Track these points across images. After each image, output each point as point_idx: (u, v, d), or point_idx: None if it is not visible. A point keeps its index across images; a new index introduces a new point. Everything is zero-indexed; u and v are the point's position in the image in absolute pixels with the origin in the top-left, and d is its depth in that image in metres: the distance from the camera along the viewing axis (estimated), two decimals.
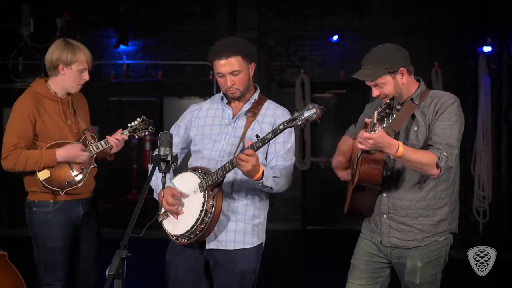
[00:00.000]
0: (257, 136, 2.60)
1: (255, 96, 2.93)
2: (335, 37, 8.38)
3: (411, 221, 2.75)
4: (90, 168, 3.29)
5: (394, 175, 2.75)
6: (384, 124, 2.41)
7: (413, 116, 2.73)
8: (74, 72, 3.24)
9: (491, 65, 7.40)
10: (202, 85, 8.30)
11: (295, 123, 2.49)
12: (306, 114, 2.47)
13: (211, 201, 2.71)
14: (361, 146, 2.52)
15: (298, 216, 8.70)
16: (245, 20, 8.38)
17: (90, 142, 3.31)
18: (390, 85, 2.69)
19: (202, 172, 2.80)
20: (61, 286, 3.28)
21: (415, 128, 2.71)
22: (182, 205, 2.80)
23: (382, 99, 2.73)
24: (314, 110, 2.46)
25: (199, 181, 2.76)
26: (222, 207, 2.74)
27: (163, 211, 2.87)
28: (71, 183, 3.25)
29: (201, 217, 2.69)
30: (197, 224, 2.70)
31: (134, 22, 8.45)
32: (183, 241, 2.79)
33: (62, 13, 7.98)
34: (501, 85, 7.26)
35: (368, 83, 2.73)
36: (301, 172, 8.53)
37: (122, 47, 8.30)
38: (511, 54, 7.10)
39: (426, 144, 2.66)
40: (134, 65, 8.65)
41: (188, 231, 2.73)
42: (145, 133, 3.43)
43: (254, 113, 2.88)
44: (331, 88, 8.75)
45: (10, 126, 3.21)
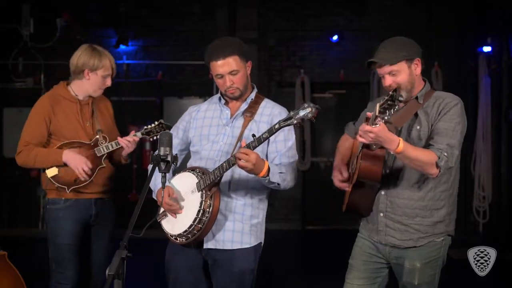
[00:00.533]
0: (253, 135, 2.61)
1: (252, 96, 2.93)
2: (335, 37, 8.39)
3: (408, 221, 2.73)
4: (98, 168, 3.35)
5: (394, 173, 2.74)
6: (386, 117, 2.38)
7: (416, 115, 2.72)
8: (99, 78, 3.36)
9: (491, 65, 7.39)
10: (202, 85, 8.30)
11: (291, 122, 2.51)
12: (301, 113, 2.48)
13: (208, 201, 2.71)
14: (361, 140, 2.50)
15: (298, 216, 8.70)
16: (245, 20, 8.39)
17: (101, 143, 3.36)
18: (404, 74, 2.67)
19: (200, 172, 2.81)
20: (70, 286, 3.30)
21: (417, 127, 2.70)
22: (181, 205, 2.80)
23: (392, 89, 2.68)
24: (309, 109, 2.47)
25: (197, 180, 2.77)
26: (220, 206, 2.74)
27: (162, 211, 2.87)
28: (77, 182, 3.31)
29: (199, 216, 2.70)
30: (195, 223, 2.70)
31: (134, 22, 8.46)
32: (181, 240, 2.79)
33: (62, 13, 7.99)
34: (501, 85, 7.26)
35: (381, 72, 2.69)
36: (301, 172, 8.52)
37: (122, 47, 8.30)
38: (511, 54, 7.10)
39: (428, 144, 2.65)
40: (134, 65, 8.66)
41: (186, 231, 2.73)
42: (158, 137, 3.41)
43: (252, 113, 2.88)
44: (331, 88, 8.75)
45: (26, 124, 3.37)
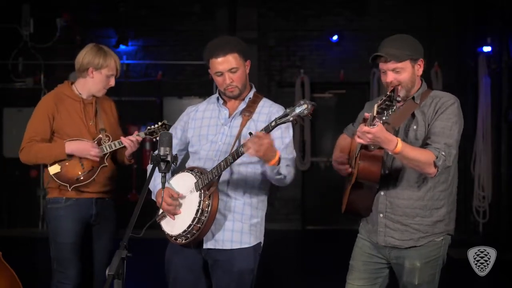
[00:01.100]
0: (250, 133, 2.60)
1: (250, 95, 2.93)
2: (335, 37, 8.39)
3: (408, 220, 2.73)
4: (100, 167, 3.35)
5: (393, 173, 2.74)
6: (384, 117, 2.38)
7: (413, 115, 2.72)
8: (103, 77, 3.38)
9: (491, 65, 7.40)
10: (202, 85, 8.30)
11: (287, 119, 2.50)
12: (297, 110, 2.48)
13: (207, 201, 2.70)
14: (359, 140, 2.50)
15: (298, 216, 8.70)
16: (245, 20, 8.39)
17: (104, 141, 3.37)
18: (407, 73, 2.68)
19: (198, 171, 2.80)
20: (72, 286, 3.29)
21: (414, 127, 2.71)
22: (179, 205, 2.79)
23: (392, 87, 2.66)
24: (305, 106, 2.46)
25: (195, 180, 2.76)
26: (219, 206, 2.74)
27: (161, 212, 2.86)
28: (80, 180, 3.31)
29: (198, 216, 2.69)
30: (194, 223, 2.70)
31: (134, 22, 8.46)
32: (180, 241, 2.79)
33: (62, 13, 7.99)
34: (501, 85, 7.26)
35: (384, 67, 2.69)
36: (301, 172, 8.53)
37: (122, 47, 8.31)
38: (511, 54, 7.10)
39: (425, 143, 2.65)
40: (134, 65, 8.66)
41: (185, 231, 2.73)
42: None
43: (250, 112, 2.88)
44: (331, 88, 8.75)
45: (30, 122, 3.38)
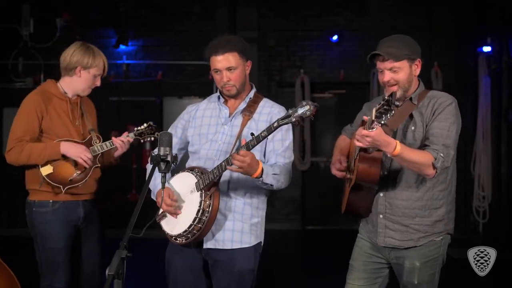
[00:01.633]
0: (252, 134, 2.60)
1: (250, 95, 2.93)
2: (335, 37, 8.39)
3: (407, 221, 2.74)
4: (93, 168, 3.30)
5: (391, 174, 2.75)
6: (382, 121, 2.39)
7: (411, 116, 2.72)
8: (90, 76, 3.32)
9: (491, 65, 7.39)
10: (202, 85, 8.30)
11: (289, 120, 2.50)
12: (299, 111, 2.47)
13: (208, 201, 2.70)
14: (358, 144, 2.51)
15: (298, 216, 8.70)
16: (245, 20, 8.38)
17: (95, 142, 3.33)
18: (404, 73, 2.68)
19: (199, 171, 2.80)
20: None
21: (412, 128, 2.71)
22: (180, 205, 2.80)
23: (389, 86, 2.68)
24: (307, 107, 2.46)
25: (196, 180, 2.76)
26: (219, 206, 2.74)
27: (161, 212, 2.86)
28: (73, 181, 3.25)
29: (198, 216, 2.69)
30: (195, 223, 2.70)
31: (134, 22, 8.46)
32: (181, 240, 2.79)
33: (62, 13, 7.98)
34: (501, 85, 7.26)
35: (381, 66, 2.69)
36: (301, 172, 8.53)
37: (122, 47, 8.30)
38: (511, 54, 7.10)
39: (423, 144, 2.66)
40: (134, 65, 8.66)
41: (185, 231, 2.73)
42: (150, 138, 3.41)
43: (250, 112, 2.88)
44: (331, 88, 8.75)
45: (16, 120, 3.25)
